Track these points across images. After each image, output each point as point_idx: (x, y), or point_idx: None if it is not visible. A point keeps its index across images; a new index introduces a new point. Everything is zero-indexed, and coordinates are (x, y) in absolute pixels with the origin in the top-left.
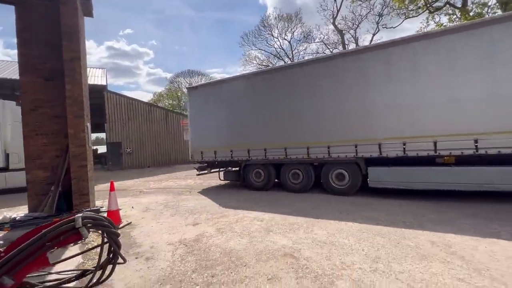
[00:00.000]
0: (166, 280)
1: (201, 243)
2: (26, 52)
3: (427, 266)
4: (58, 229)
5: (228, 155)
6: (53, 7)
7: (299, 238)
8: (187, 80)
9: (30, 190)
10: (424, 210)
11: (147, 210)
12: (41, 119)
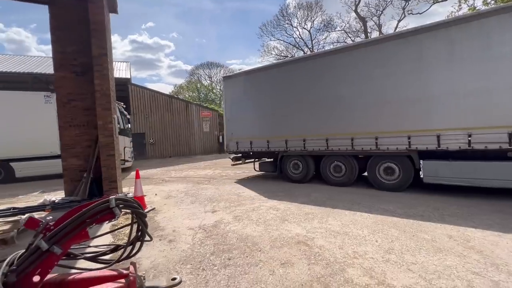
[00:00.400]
0: (187, 260)
1: (219, 229)
2: (59, 49)
3: (441, 258)
4: (96, 208)
5: (265, 145)
6: (82, 5)
7: (313, 227)
8: (206, 72)
9: (65, 176)
10: (445, 204)
11: (169, 197)
12: (74, 112)
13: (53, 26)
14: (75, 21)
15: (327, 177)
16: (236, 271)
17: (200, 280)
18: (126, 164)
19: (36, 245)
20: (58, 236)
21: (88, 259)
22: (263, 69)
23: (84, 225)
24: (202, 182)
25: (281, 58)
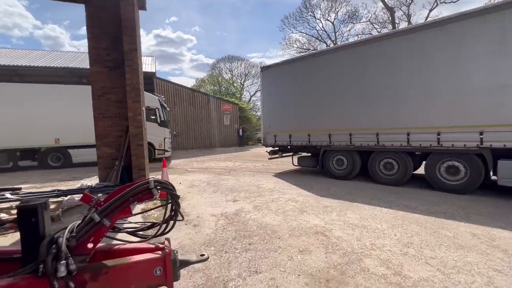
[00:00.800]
0: (211, 243)
1: (240, 217)
2: (95, 45)
3: (462, 255)
4: (138, 188)
5: (305, 139)
6: (115, 3)
7: (331, 219)
8: (227, 66)
9: (100, 163)
10: (472, 203)
11: (192, 186)
12: (107, 104)
13: (89, 24)
14: (108, 19)
15: (376, 175)
16: (256, 255)
17: (223, 261)
18: (166, 153)
19: (90, 217)
20: (108, 211)
21: (129, 233)
22: (305, 58)
23: (128, 202)
24: (223, 173)
25: (303, 51)
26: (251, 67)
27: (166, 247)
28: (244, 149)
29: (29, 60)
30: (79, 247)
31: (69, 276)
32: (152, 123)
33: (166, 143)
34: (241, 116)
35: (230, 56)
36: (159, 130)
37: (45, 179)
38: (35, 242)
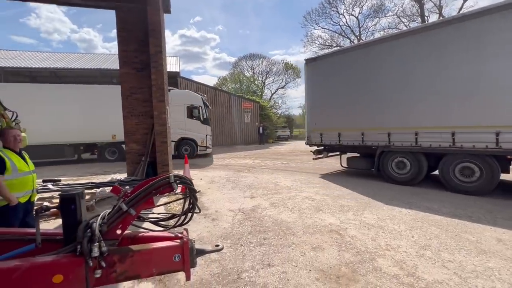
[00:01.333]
0: (228, 236)
1: (256, 213)
2: (124, 48)
3: (483, 260)
4: (160, 182)
5: (358, 138)
6: (142, 8)
7: (347, 218)
8: (249, 64)
9: (128, 159)
10: (500, 207)
11: (212, 182)
12: (134, 103)
13: (119, 28)
14: (136, 23)
15: (450, 182)
16: (270, 249)
17: (238, 253)
18: (207, 150)
19: (119, 206)
20: (133, 201)
21: (152, 222)
22: (357, 47)
23: (151, 195)
24: (242, 171)
25: (325, 47)
26: (272, 64)
27: (184, 237)
28: (264, 147)
29: (66, 63)
30: (109, 232)
31: (101, 256)
32: (195, 120)
33: (208, 140)
34: (261, 114)
35: (252, 54)
36: (201, 128)
37: (80, 172)
38: (73, 226)
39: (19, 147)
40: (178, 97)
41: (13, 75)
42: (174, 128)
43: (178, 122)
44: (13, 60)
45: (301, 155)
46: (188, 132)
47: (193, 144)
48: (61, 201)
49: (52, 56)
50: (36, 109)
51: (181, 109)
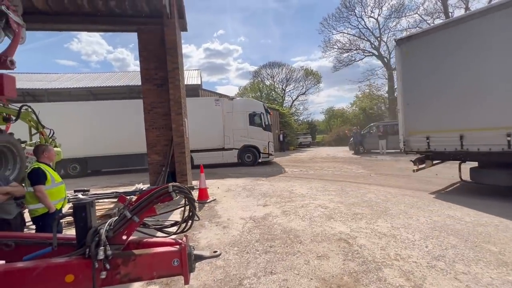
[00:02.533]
0: (235, 244)
1: (266, 221)
2: (146, 67)
3: (503, 273)
4: (160, 191)
5: (499, 141)
6: (160, 29)
7: (358, 227)
8: (268, 72)
9: (150, 169)
10: None
11: (228, 190)
12: (155, 117)
13: (140, 49)
14: (156, 42)
15: None
16: (275, 257)
17: (243, 261)
18: (270, 157)
19: (124, 214)
20: (137, 209)
21: (156, 229)
22: (475, 15)
23: (152, 203)
24: (260, 178)
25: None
26: (292, 72)
27: (183, 243)
28: (284, 154)
29: (101, 81)
30: (115, 238)
31: (106, 259)
32: (257, 127)
33: (270, 147)
34: (281, 121)
35: (271, 63)
36: (263, 134)
37: (110, 182)
38: (84, 231)
39: (52, 161)
40: (240, 105)
41: (54, 95)
42: (237, 136)
43: (240, 129)
44: (55, 82)
45: (321, 162)
46: (251, 139)
47: (256, 151)
48: (74, 209)
49: (88, 76)
50: (121, 122)
51: (243, 116)
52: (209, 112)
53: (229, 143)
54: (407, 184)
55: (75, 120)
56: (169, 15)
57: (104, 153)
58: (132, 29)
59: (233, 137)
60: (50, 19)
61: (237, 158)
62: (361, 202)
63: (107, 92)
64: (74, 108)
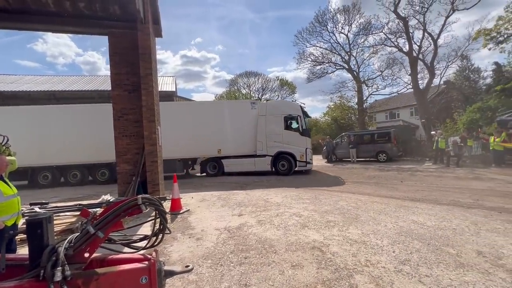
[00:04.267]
0: (209, 256)
1: (242, 231)
2: (116, 71)
3: (460, 274)
4: (128, 204)
5: None
6: (133, 33)
7: (331, 234)
8: (245, 81)
9: (119, 179)
10: (486, 219)
11: (203, 201)
12: (126, 124)
13: (111, 53)
14: (128, 47)
15: None
16: (250, 268)
17: (216, 274)
18: (307, 166)
19: (87, 229)
20: (101, 224)
21: (123, 244)
22: None
23: (120, 217)
24: (235, 188)
25: (318, 64)
26: (268, 81)
27: (153, 258)
28: None
29: (66, 85)
30: (76, 256)
31: (64, 281)
32: (293, 132)
33: (308, 154)
34: None
35: (248, 72)
36: (300, 140)
37: (73, 193)
38: (40, 251)
39: (3, 172)
40: (275, 107)
41: (10, 98)
42: (270, 141)
43: (274, 134)
44: (12, 84)
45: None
46: (286, 145)
47: (291, 159)
48: (27, 226)
49: (52, 79)
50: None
51: (278, 120)
52: (243, 116)
53: (262, 149)
54: (376, 191)
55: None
56: (143, 20)
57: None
58: (103, 32)
59: (266, 142)
60: (9, 17)
61: (270, 166)
62: (333, 210)
63: (73, 96)
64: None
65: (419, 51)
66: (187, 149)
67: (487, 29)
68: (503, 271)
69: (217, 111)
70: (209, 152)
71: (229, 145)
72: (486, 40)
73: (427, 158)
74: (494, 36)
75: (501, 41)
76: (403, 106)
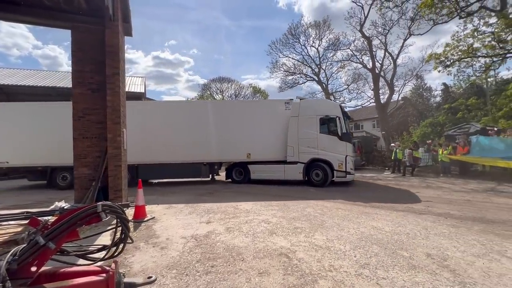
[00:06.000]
0: (174, 266)
1: (209, 239)
2: (79, 69)
3: (412, 275)
4: (85, 212)
5: None
6: (100, 30)
7: (298, 241)
8: (218, 86)
9: (76, 184)
10: (435, 224)
11: (169, 208)
12: (87, 125)
13: (74, 49)
14: (93, 44)
15: None
16: (216, 277)
17: (181, 284)
18: (347, 177)
19: (35, 240)
20: (53, 234)
21: (79, 256)
22: None
23: (75, 226)
24: (204, 194)
25: (290, 74)
26: (241, 88)
27: (111, 270)
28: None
29: (18, 79)
30: (21, 270)
31: None
32: (331, 136)
33: (348, 163)
34: None
35: (221, 78)
36: (339, 145)
37: (20, 199)
38: None
39: None
40: (309, 107)
41: None
42: (303, 146)
43: (308, 139)
44: None
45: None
46: (321, 151)
47: (327, 167)
48: None
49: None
50: (171, 127)
51: (312, 121)
52: (275, 117)
53: (293, 154)
54: (341, 198)
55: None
56: (112, 17)
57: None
58: (66, 26)
59: (298, 147)
60: None
61: (302, 175)
62: (301, 216)
63: (25, 92)
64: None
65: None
66: (214, 152)
67: (437, 54)
68: (447, 271)
69: (248, 111)
70: (238, 156)
71: (259, 149)
72: (436, 63)
73: (386, 168)
74: (443, 61)
75: (448, 65)
76: (366, 118)
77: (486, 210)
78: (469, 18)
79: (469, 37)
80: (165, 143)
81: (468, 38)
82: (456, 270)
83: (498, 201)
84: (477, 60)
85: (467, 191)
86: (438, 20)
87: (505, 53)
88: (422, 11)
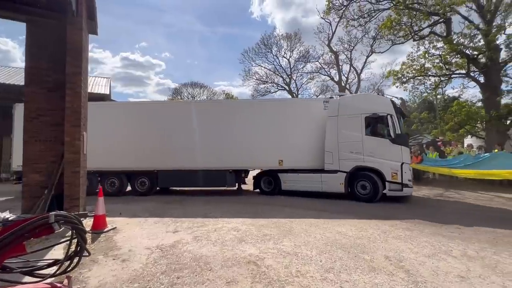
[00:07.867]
0: (136, 279)
1: (176, 249)
2: (33, 65)
3: (372, 277)
4: (35, 223)
5: None
6: (61, 25)
7: (267, 248)
8: (190, 92)
9: (25, 192)
10: (393, 228)
11: (134, 216)
12: (41, 127)
13: (28, 43)
14: (52, 40)
15: None
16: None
17: None
18: (404, 190)
19: None
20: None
21: (24, 273)
22: None
23: (22, 239)
24: (171, 202)
25: (262, 83)
26: (213, 94)
27: (63, 286)
28: None
29: None
30: None
31: None
32: (380, 138)
33: (406, 173)
34: None
35: (194, 83)
36: (392, 150)
37: None
38: None
39: None
40: (351, 104)
41: None
42: (345, 152)
43: (350, 142)
44: None
45: None
46: (369, 157)
47: (377, 178)
48: None
49: None
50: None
51: (355, 121)
52: (312, 118)
53: (331, 162)
54: (312, 204)
55: None
56: (75, 12)
57: None
58: (19, 18)
59: (337, 153)
60: None
61: (344, 187)
62: (270, 223)
63: None
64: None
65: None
66: (242, 158)
67: (395, 71)
68: (403, 271)
69: (281, 111)
70: (269, 163)
71: (293, 155)
72: (394, 80)
73: None
74: (400, 77)
75: (404, 81)
76: None
77: (435, 213)
78: (421, 41)
79: (421, 58)
80: (186, 147)
81: (420, 59)
82: (410, 270)
83: (445, 206)
84: (428, 79)
85: (420, 197)
86: (396, 41)
87: (450, 73)
88: (382, 32)
